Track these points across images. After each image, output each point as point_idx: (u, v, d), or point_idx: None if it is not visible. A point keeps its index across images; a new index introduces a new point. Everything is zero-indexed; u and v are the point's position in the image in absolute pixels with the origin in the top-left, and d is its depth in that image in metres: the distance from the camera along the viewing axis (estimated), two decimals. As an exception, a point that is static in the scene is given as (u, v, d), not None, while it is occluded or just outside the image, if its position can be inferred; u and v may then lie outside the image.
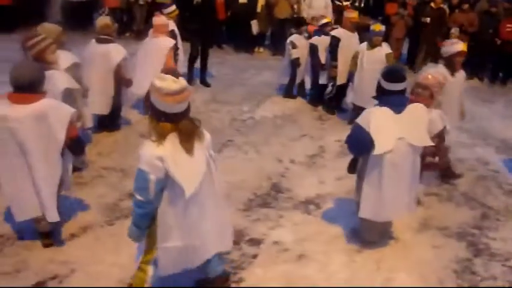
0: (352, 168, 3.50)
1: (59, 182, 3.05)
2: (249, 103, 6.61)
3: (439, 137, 3.50)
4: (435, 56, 8.69)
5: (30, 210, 3.02)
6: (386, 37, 6.79)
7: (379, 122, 3.07)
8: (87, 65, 4.46)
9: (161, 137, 2.25)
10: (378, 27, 5.47)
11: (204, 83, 7.19)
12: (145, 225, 2.45)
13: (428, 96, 3.49)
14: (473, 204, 4.12)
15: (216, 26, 8.90)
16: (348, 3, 9.80)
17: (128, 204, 3.55)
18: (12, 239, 3.30)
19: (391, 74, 3.18)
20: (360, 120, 3.17)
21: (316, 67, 6.32)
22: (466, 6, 8.71)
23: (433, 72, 3.83)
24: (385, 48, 5.50)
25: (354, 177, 3.47)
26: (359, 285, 3.05)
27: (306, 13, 9.70)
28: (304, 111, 6.45)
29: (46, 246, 3.20)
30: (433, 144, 3.22)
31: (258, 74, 8.18)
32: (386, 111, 3.10)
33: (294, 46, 6.46)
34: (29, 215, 3.05)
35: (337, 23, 9.06)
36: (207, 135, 2.48)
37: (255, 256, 3.28)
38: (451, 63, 4.25)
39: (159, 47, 5.24)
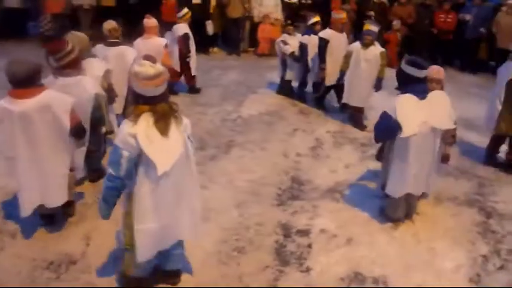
0: (379, 155, 3.84)
1: (73, 169, 3.33)
2: (230, 103, 6.71)
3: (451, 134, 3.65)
4: (381, 47, 9.48)
5: (35, 200, 3.18)
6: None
7: (405, 107, 3.33)
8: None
9: (137, 118, 2.41)
10: (368, 26, 5.60)
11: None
12: (113, 201, 2.59)
13: (440, 89, 3.69)
14: (468, 176, 4.69)
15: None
16: (295, 0, 10.25)
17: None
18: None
19: (416, 61, 3.43)
20: (387, 108, 3.43)
21: (304, 66, 6.46)
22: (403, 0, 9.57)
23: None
24: (378, 47, 5.59)
25: (360, 165, 3.79)
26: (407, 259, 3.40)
27: (256, 11, 9.99)
28: (285, 106, 6.70)
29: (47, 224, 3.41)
30: (454, 127, 3.61)
31: (224, 74, 8.27)
32: (411, 97, 3.37)
33: (285, 43, 6.56)
34: (34, 205, 3.20)
35: (288, 20, 9.57)
36: (186, 120, 2.61)
37: (309, 245, 3.48)
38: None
39: (154, 47, 5.40)
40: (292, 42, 6.58)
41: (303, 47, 6.37)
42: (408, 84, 3.44)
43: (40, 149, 3.08)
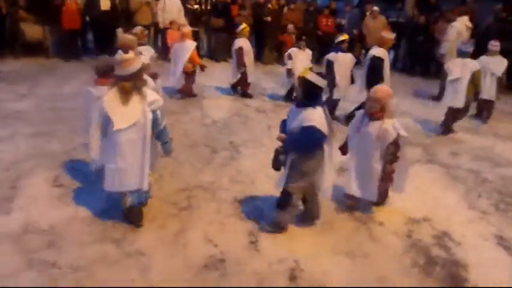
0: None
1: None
2: (195, 108, 7.01)
3: (395, 144, 3.81)
4: (279, 49, 10.77)
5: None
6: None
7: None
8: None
9: (111, 89, 3.42)
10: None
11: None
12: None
13: (379, 108, 3.79)
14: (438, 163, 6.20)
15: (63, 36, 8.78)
16: (197, 6, 10.68)
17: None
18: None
19: (319, 73, 3.57)
20: (314, 123, 3.36)
21: (331, 83, 6.47)
22: (292, 6, 11.03)
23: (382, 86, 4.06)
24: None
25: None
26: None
27: (160, 18, 10.09)
28: (241, 107, 7.32)
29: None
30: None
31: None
32: (321, 109, 3.47)
33: (289, 57, 7.06)
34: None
35: (192, 26, 10.02)
36: (154, 97, 3.49)
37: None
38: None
39: (184, 49, 7.04)
40: (301, 56, 7.10)
41: (329, 64, 6.57)
42: (316, 95, 3.49)
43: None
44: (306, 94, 3.48)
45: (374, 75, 6.05)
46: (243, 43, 7.33)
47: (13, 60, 9.24)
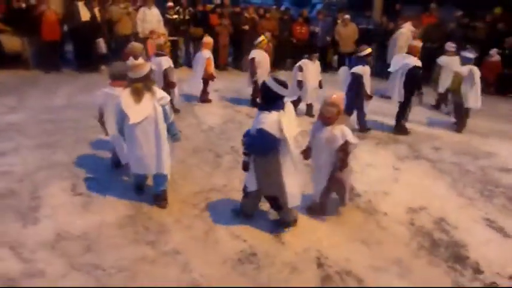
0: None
1: None
2: (189, 115, 7.25)
3: (343, 151, 3.93)
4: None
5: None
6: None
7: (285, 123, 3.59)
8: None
9: (126, 89, 4.03)
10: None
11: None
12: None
13: (336, 113, 3.92)
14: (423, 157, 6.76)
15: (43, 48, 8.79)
16: (176, 16, 10.85)
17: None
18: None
19: (282, 81, 3.64)
20: (265, 126, 3.53)
21: (362, 97, 6.57)
22: (268, 15, 11.44)
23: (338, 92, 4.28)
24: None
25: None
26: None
27: (140, 28, 10.19)
28: (233, 113, 7.60)
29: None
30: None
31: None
32: (278, 114, 3.58)
33: (300, 69, 7.13)
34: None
35: (171, 35, 10.22)
36: (162, 94, 4.10)
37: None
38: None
39: (202, 58, 7.72)
40: (311, 67, 7.18)
41: (358, 78, 6.49)
42: (274, 101, 3.61)
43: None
44: (264, 98, 3.69)
45: (413, 84, 6.50)
46: (256, 54, 7.65)
47: (-7, 73, 9.08)
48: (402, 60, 6.76)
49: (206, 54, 7.76)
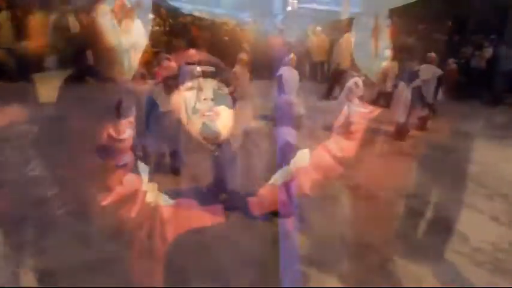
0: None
1: None
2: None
3: None
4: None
5: None
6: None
7: None
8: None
9: None
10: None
11: None
12: None
13: None
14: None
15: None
16: (157, 27, 11.21)
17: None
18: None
19: None
20: None
21: None
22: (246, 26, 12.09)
23: None
24: None
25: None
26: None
27: (123, 39, 10.46)
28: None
29: None
30: None
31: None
32: None
33: (357, 86, 7.39)
34: None
35: (153, 47, 10.59)
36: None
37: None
38: None
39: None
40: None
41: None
42: None
43: None
44: None
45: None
46: (284, 71, 7.69)
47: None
48: None
49: None
